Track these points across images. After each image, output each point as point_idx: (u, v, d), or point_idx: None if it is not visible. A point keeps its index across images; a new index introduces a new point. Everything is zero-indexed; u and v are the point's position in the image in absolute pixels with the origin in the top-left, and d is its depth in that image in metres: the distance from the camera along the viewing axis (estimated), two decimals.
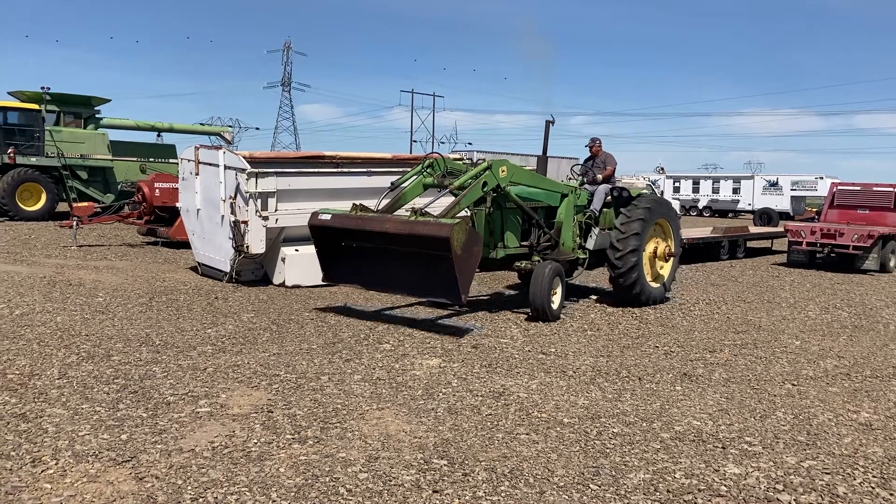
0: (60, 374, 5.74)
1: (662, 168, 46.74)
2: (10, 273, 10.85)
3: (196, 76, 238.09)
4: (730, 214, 40.58)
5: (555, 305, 8.47)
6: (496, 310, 9.13)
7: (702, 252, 16.23)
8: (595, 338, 7.78)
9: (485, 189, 8.19)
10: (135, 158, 23.81)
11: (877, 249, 14.80)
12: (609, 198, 10.07)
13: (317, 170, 10.90)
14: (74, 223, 14.96)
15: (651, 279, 9.84)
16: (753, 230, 19.82)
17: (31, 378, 5.63)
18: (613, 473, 4.18)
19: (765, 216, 36.69)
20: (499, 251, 8.91)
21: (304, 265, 10.20)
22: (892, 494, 4.02)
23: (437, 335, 7.55)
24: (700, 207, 41.86)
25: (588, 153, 10.82)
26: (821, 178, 36.70)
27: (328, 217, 8.23)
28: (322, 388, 5.59)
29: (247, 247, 10.07)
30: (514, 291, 10.77)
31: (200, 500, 3.68)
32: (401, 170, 10.15)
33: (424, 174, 8.71)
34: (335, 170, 11.14)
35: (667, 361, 6.87)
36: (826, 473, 4.28)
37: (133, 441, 4.41)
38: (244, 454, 4.27)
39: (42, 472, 3.94)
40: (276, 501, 3.69)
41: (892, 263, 15.20)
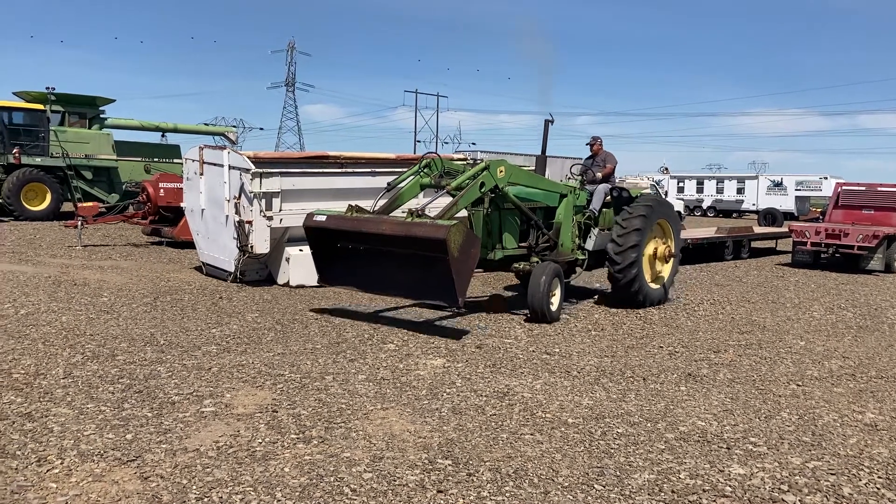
0: (65, 374, 5.75)
1: (666, 168, 46.72)
2: (16, 273, 10.89)
3: (200, 76, 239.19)
4: (734, 214, 40.44)
5: (554, 307, 8.40)
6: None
7: (706, 252, 16.17)
8: (599, 338, 7.77)
9: (482, 189, 8.09)
10: (139, 158, 23.92)
11: (882, 250, 14.73)
12: (608, 198, 10.02)
13: (321, 170, 10.89)
14: (79, 223, 15.01)
15: (651, 280, 9.77)
16: (758, 230, 19.81)
17: (37, 377, 5.64)
18: (618, 474, 4.17)
19: (769, 216, 36.60)
20: (497, 252, 8.83)
21: (309, 265, 10.16)
22: None
23: (441, 335, 7.54)
24: (704, 207, 41.73)
25: (589, 152, 10.82)
26: (825, 179, 36.54)
27: (323, 218, 8.14)
28: (326, 388, 5.60)
29: (251, 247, 10.09)
30: (516, 292, 10.76)
31: (205, 500, 3.68)
32: (404, 170, 10.13)
33: (421, 174, 8.54)
34: (339, 170, 11.12)
35: (671, 362, 6.86)
36: (831, 474, 4.26)
37: (138, 440, 4.42)
38: (249, 454, 4.28)
39: (47, 472, 3.95)
40: (281, 501, 3.69)
41: None
